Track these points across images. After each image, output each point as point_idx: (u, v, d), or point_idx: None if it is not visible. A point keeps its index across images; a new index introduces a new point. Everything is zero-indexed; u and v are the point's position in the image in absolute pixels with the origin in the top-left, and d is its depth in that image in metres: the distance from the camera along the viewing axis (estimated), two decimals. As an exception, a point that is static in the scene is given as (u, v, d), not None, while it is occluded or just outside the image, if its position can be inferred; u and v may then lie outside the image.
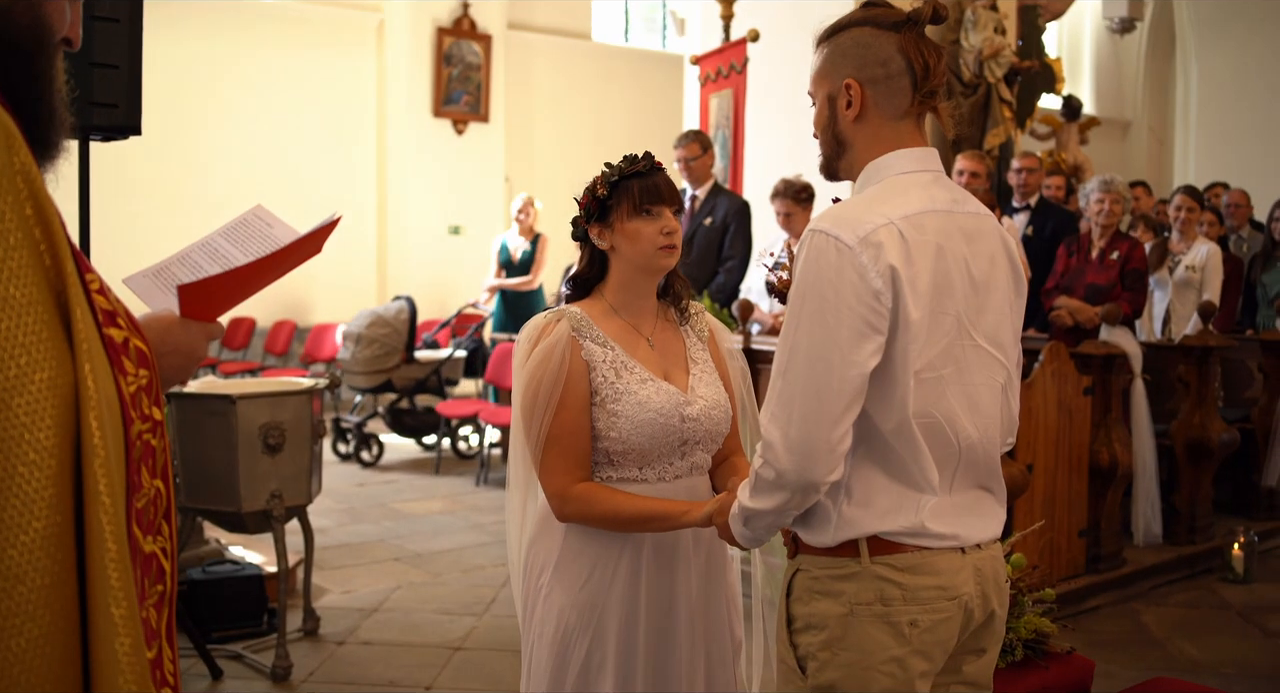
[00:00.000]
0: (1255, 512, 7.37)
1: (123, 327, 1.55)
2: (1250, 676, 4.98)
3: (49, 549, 1.40)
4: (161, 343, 1.74)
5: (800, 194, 6.58)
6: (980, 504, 2.24)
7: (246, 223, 2.08)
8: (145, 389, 1.57)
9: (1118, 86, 18.20)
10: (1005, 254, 2.26)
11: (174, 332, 1.80)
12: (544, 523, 2.63)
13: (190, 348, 1.82)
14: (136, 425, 1.53)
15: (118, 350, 1.52)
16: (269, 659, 4.86)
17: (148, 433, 1.57)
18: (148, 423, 1.57)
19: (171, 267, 2.02)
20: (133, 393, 1.53)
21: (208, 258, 2.01)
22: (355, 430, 9.69)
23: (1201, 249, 7.65)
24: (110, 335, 1.51)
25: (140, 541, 1.54)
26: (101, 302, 1.52)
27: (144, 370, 1.57)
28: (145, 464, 1.56)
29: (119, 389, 1.51)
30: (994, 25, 8.47)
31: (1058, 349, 5.67)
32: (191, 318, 1.83)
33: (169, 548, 1.62)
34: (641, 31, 16.11)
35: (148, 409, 1.57)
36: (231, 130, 12.16)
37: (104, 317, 1.51)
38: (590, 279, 2.68)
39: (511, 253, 10.29)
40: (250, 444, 4.83)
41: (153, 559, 1.58)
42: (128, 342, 1.55)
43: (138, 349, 1.57)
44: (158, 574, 1.60)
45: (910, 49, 2.17)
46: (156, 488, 1.59)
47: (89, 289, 1.50)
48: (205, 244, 2.05)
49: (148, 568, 1.57)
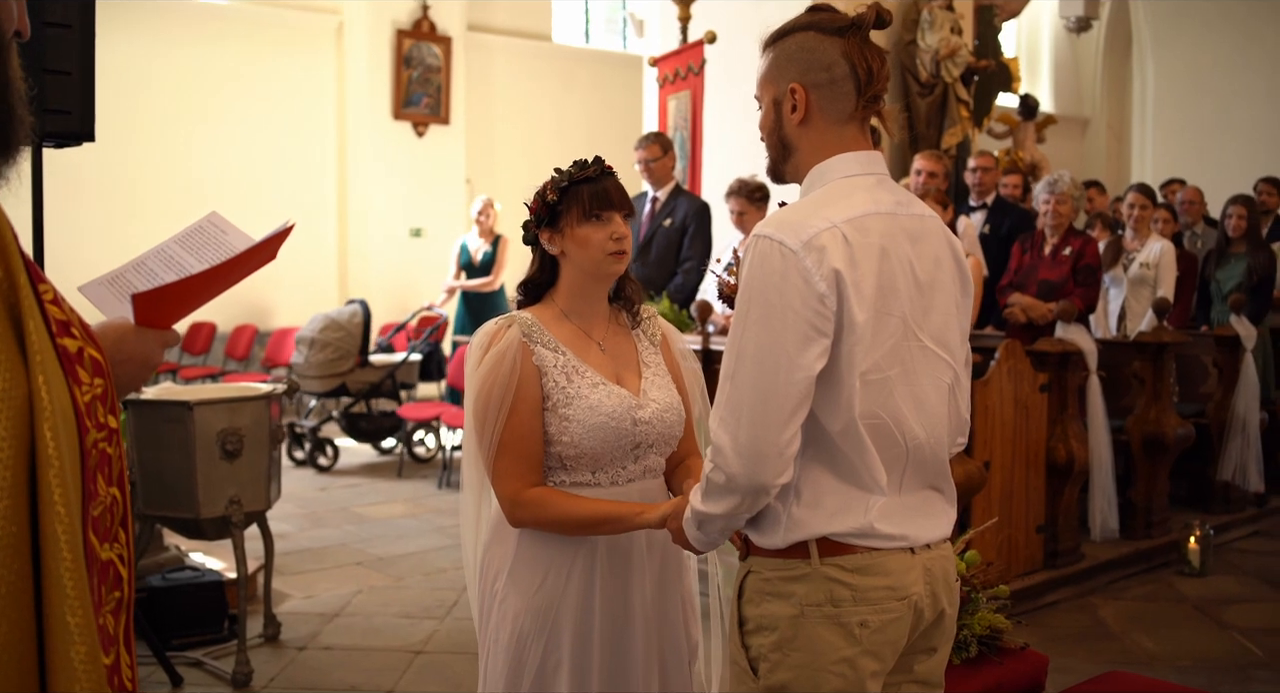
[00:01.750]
0: (1211, 506, 7.46)
1: (77, 336, 1.55)
2: (1207, 668, 5.04)
3: (5, 560, 1.40)
4: (117, 351, 1.74)
5: (754, 193, 6.60)
6: (929, 504, 2.26)
7: (201, 230, 2.08)
8: (100, 398, 1.57)
9: (1076, 85, 18.35)
10: (950, 255, 2.29)
11: (129, 340, 1.80)
12: (498, 528, 2.64)
13: (145, 356, 1.83)
14: (92, 434, 1.54)
15: (72, 360, 1.53)
16: (229, 666, 4.84)
17: (103, 441, 1.57)
18: (103, 431, 1.57)
19: (127, 274, 2.01)
20: (88, 402, 1.54)
21: (163, 265, 2.01)
22: (310, 435, 9.63)
23: (1155, 246, 7.72)
24: (64, 346, 1.52)
25: (97, 548, 1.55)
26: (55, 312, 1.52)
27: (99, 379, 1.58)
28: (101, 472, 1.57)
29: (73, 399, 1.51)
30: (950, 25, 8.53)
31: (1014, 346, 5.72)
32: (146, 326, 1.83)
33: (126, 555, 1.63)
34: (602, 33, 16.11)
35: (103, 418, 1.57)
36: (189, 135, 12.08)
37: (58, 327, 1.52)
38: (541, 284, 2.68)
39: (472, 254, 10.27)
40: (208, 450, 4.81)
41: (109, 566, 1.59)
42: (82, 351, 1.56)
43: (92, 358, 1.57)
44: (114, 581, 1.60)
45: (854, 54, 2.19)
46: (113, 495, 1.59)
47: (42, 300, 1.50)
48: (160, 251, 2.05)
49: (104, 575, 1.57)
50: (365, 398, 9.82)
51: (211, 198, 11.75)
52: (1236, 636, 5.46)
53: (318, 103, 13.09)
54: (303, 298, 12.41)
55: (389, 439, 10.10)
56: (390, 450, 10.18)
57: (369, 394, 9.79)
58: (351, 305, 9.94)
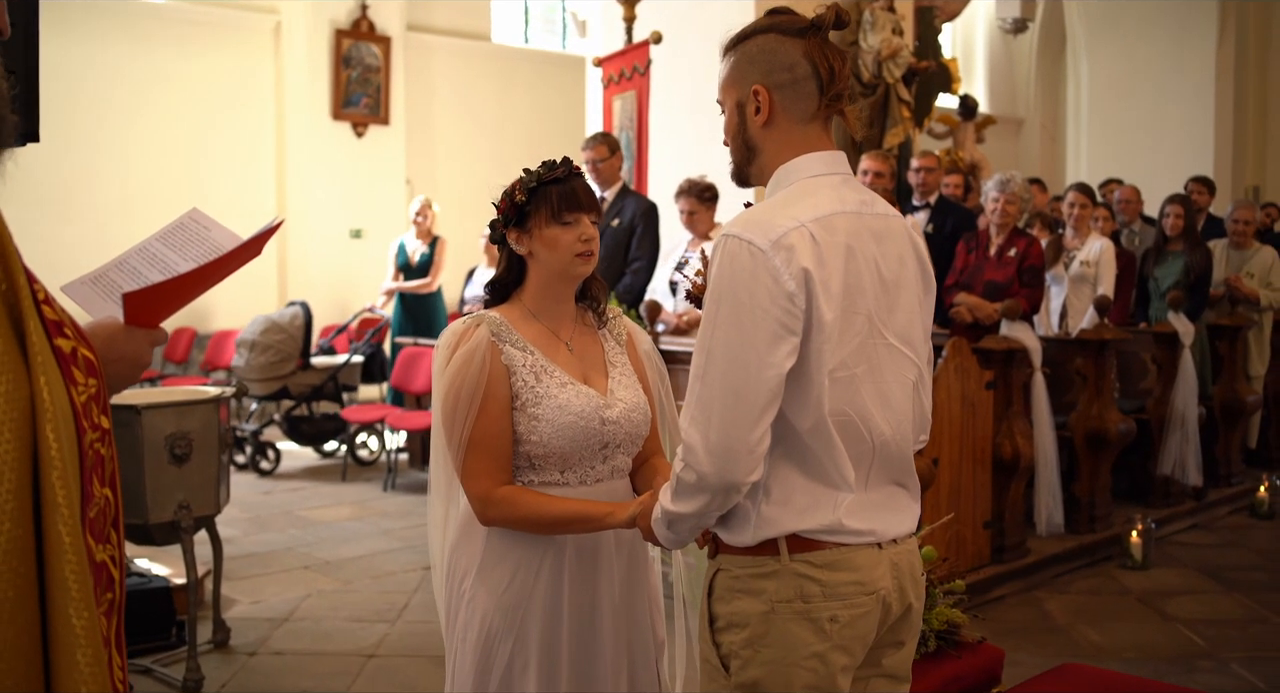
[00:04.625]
0: (1152, 499, 7.56)
1: (70, 336, 1.55)
2: (1152, 659, 5.12)
3: (11, 562, 1.40)
4: (108, 351, 1.74)
5: (704, 193, 6.62)
6: (895, 500, 2.29)
7: (184, 227, 2.07)
8: (95, 398, 1.57)
9: (1010, 86, 18.56)
10: (914, 254, 2.32)
11: (119, 340, 1.81)
12: (466, 528, 2.64)
13: (136, 355, 1.83)
14: (89, 435, 1.54)
15: (67, 361, 1.52)
16: (179, 673, 4.79)
17: (98, 442, 1.57)
18: (98, 432, 1.57)
19: (110, 273, 2.00)
20: (83, 403, 1.53)
21: (146, 263, 2.00)
22: (251, 439, 9.53)
23: (1095, 244, 7.82)
24: (59, 346, 1.51)
25: (93, 550, 1.55)
26: (49, 312, 1.52)
27: (92, 380, 1.57)
28: (96, 474, 1.57)
29: (71, 400, 1.50)
30: (892, 26, 8.60)
31: (960, 345, 5.78)
32: (136, 325, 1.84)
33: (117, 556, 1.64)
34: (541, 33, 16.09)
35: (97, 418, 1.57)
36: (127, 135, 11.91)
37: (51, 327, 1.51)
38: (508, 284, 2.68)
39: (410, 255, 10.21)
40: (156, 455, 4.74)
41: (103, 568, 1.59)
42: (76, 351, 1.55)
43: (86, 358, 1.57)
44: (107, 582, 1.61)
45: (815, 54, 2.22)
46: (105, 496, 1.59)
47: (38, 300, 1.49)
48: (143, 249, 2.04)
49: (98, 577, 1.57)
50: (307, 401, 9.74)
51: (148, 199, 11.64)
52: (1180, 627, 5.55)
53: (256, 103, 12.94)
54: (242, 300, 12.25)
55: (332, 442, 10.02)
56: (333, 453, 10.10)
57: (311, 397, 9.72)
58: (292, 307, 9.85)
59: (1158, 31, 14.10)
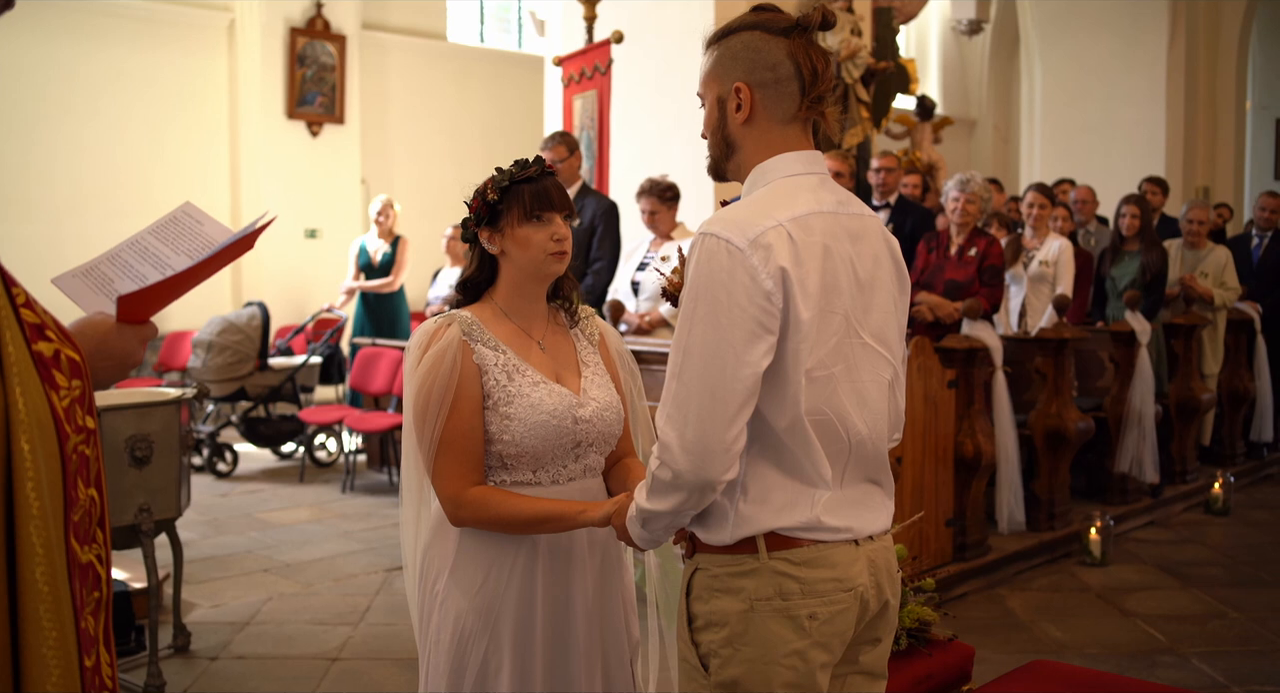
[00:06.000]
0: (1110, 497, 7.63)
1: (53, 338, 1.52)
2: (1114, 654, 5.16)
3: None
4: (99, 349, 1.73)
5: (665, 193, 6.61)
6: (870, 497, 2.29)
7: (176, 221, 2.06)
8: (79, 400, 1.55)
9: (963, 87, 18.71)
10: (889, 254, 2.33)
11: (110, 338, 1.80)
12: (438, 528, 2.61)
13: (126, 353, 1.83)
14: (72, 439, 1.52)
15: (48, 365, 1.49)
16: (140, 678, 4.73)
17: (82, 444, 1.56)
18: (82, 434, 1.56)
19: (101, 266, 1.98)
20: (66, 407, 1.51)
21: (138, 257, 1.98)
22: (208, 441, 9.43)
23: (1054, 244, 7.89)
24: (40, 351, 1.48)
25: (78, 552, 1.54)
26: (29, 315, 1.49)
27: (76, 381, 1.55)
28: (81, 476, 1.55)
29: (51, 406, 1.48)
30: (850, 27, 8.64)
31: (922, 344, 5.81)
32: (127, 322, 1.82)
33: (104, 554, 1.63)
34: (497, 32, 16.04)
35: (81, 420, 1.55)
36: (78, 133, 11.76)
37: (31, 331, 1.48)
38: (480, 283, 2.66)
39: (371, 255, 10.16)
40: (116, 457, 4.68)
41: (89, 568, 1.58)
42: (59, 354, 1.52)
43: (69, 360, 1.54)
44: (94, 582, 1.60)
45: (799, 54, 2.21)
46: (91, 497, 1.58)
47: (16, 304, 1.46)
48: (135, 243, 2.02)
49: (85, 577, 1.56)
50: (265, 402, 9.66)
51: (101, 197, 11.53)
52: (1139, 623, 5.60)
53: (209, 101, 12.82)
54: (197, 300, 12.00)
55: (289, 444, 9.94)
56: (290, 455, 10.02)
57: (268, 398, 9.63)
58: (250, 308, 9.75)
59: (1108, 32, 14.21)
